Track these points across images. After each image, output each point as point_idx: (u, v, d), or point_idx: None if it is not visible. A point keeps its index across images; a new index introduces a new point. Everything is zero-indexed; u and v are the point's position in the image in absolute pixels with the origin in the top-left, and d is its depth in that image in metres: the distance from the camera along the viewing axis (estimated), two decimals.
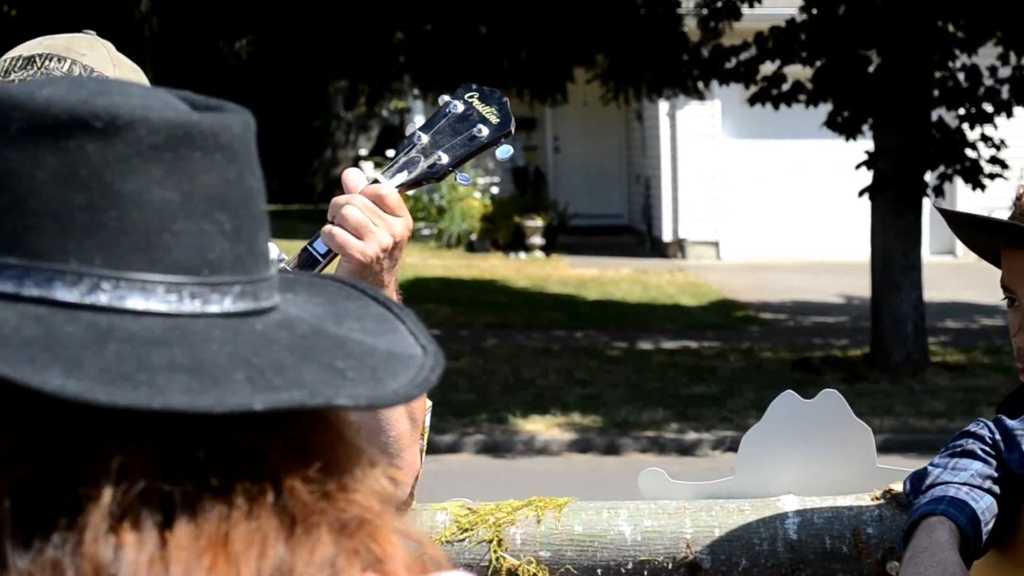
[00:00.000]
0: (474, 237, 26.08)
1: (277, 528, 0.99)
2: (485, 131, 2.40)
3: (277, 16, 17.26)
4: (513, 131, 2.44)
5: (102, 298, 0.98)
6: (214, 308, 1.02)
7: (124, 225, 0.99)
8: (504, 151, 2.44)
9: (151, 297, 0.99)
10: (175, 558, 0.95)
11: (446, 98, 2.45)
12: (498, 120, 2.42)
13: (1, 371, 0.93)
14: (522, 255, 25.62)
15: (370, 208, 2.27)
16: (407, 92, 24.90)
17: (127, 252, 0.99)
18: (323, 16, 16.75)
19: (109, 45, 2.48)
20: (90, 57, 2.42)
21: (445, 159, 2.39)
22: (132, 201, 0.99)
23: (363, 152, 31.88)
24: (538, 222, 26.02)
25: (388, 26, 16.99)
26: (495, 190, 26.48)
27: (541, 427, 12.58)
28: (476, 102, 2.43)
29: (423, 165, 2.38)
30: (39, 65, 2.39)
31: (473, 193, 25.52)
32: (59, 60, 2.40)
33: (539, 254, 25.72)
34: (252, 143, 1.06)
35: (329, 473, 1.02)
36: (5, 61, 2.43)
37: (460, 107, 2.42)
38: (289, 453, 1.01)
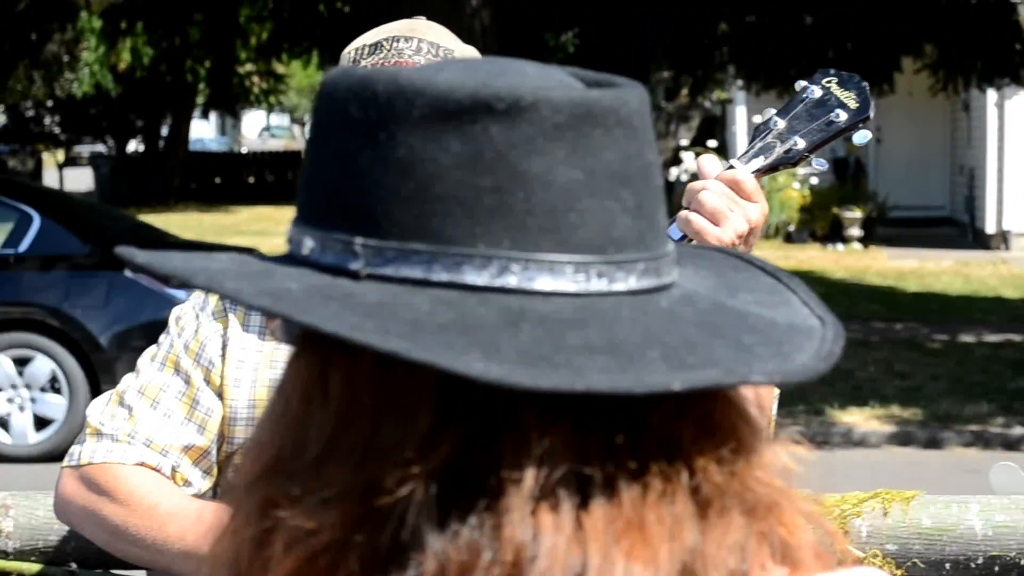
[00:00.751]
0: (792, 228, 25.90)
1: (692, 511, 0.97)
2: (843, 116, 2.37)
3: (604, 8, 17.42)
4: (872, 116, 2.38)
5: (511, 280, 0.97)
6: (620, 286, 1.00)
7: (530, 206, 0.98)
8: (862, 136, 2.38)
9: (560, 277, 0.98)
10: (593, 540, 0.94)
11: (803, 83, 2.42)
12: (857, 104, 2.37)
13: (424, 357, 0.91)
14: (840, 247, 25.34)
15: (727, 194, 2.25)
16: (730, 83, 24.89)
17: (534, 233, 0.98)
18: (648, 8, 16.86)
19: (444, 28, 2.52)
20: (432, 35, 2.46)
21: (801, 144, 2.36)
22: (538, 182, 0.98)
23: (683, 142, 31.89)
24: (857, 213, 25.70)
25: (713, 17, 17.02)
26: (814, 180, 26.25)
27: (859, 419, 12.47)
28: (834, 86, 2.39)
29: (779, 151, 2.35)
30: (387, 48, 2.43)
31: (792, 184, 25.36)
32: (406, 40, 2.44)
33: (857, 246, 25.40)
34: (648, 117, 1.05)
35: (737, 452, 1.00)
36: (350, 52, 2.48)
37: (818, 92, 2.39)
38: (700, 433, 0.99)
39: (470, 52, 2.48)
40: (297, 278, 0.99)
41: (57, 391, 10.61)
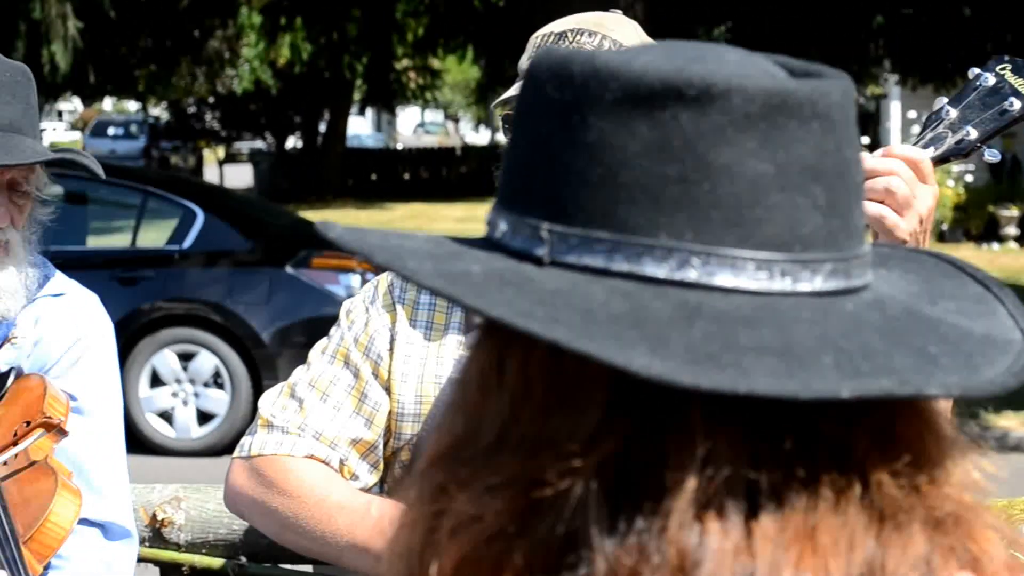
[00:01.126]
0: (945, 227, 25.47)
1: (866, 523, 0.95)
2: (1017, 104, 2.30)
3: (756, 2, 17.28)
4: None
5: (691, 274, 0.95)
6: (804, 286, 0.97)
7: (716, 198, 0.95)
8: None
9: (741, 274, 0.95)
10: (761, 548, 0.92)
11: (976, 70, 2.35)
12: None
13: (584, 348, 0.90)
14: (995, 246, 24.87)
15: (912, 180, 2.17)
16: (884, 77, 24.57)
17: (718, 227, 0.95)
18: (801, 1, 16.71)
19: (636, 24, 2.51)
20: (619, 32, 2.46)
21: (973, 134, 2.30)
22: (725, 173, 0.95)
23: None
24: (1013, 212, 25.20)
25: (868, 10, 16.82)
26: (969, 178, 25.82)
27: (1015, 423, 12.27)
28: (1008, 74, 2.32)
29: (950, 141, 2.29)
30: (570, 39, 2.44)
31: (946, 181, 24.95)
32: (590, 35, 2.44)
33: (1013, 245, 24.91)
34: (851, 111, 1.01)
35: (918, 466, 0.97)
36: (537, 38, 2.49)
37: (991, 80, 2.32)
38: (876, 444, 0.96)
39: None
40: (484, 261, 0.99)
41: (220, 386, 10.73)
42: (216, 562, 3.02)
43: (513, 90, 2.47)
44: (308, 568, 2.84)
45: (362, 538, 2.38)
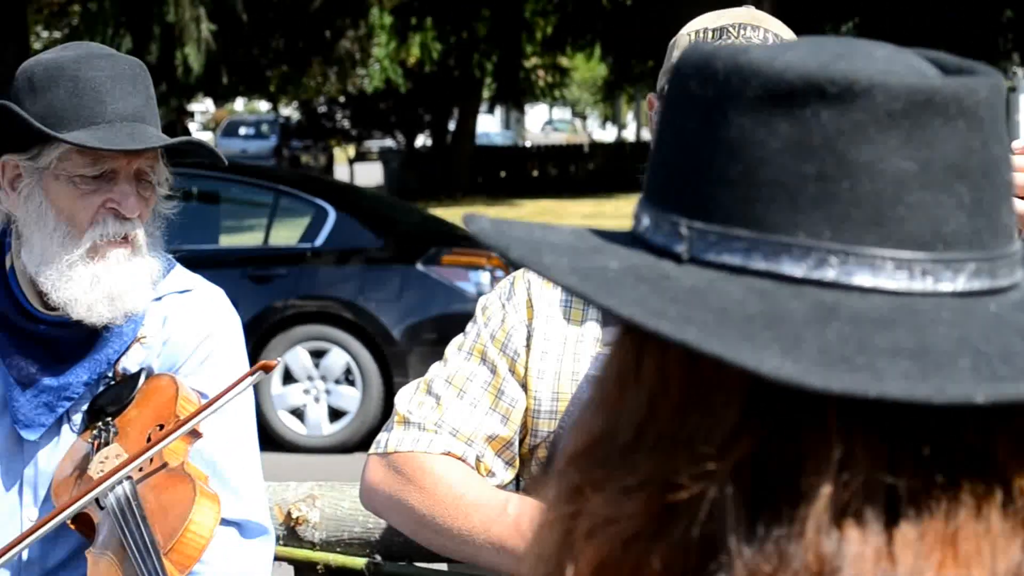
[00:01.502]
0: None
1: (1009, 531, 0.92)
2: None
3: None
4: None
5: (829, 273, 0.94)
6: (946, 287, 0.95)
7: (855, 197, 0.94)
8: None
9: (880, 274, 0.94)
10: (901, 554, 0.90)
11: None
12: None
13: (714, 349, 0.89)
14: None
15: None
16: (1013, 71, 24.21)
17: (857, 225, 0.94)
18: None
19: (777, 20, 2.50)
20: (775, 25, 2.46)
21: None
22: (865, 171, 0.94)
23: None
24: None
25: (997, 5, 16.60)
26: None
27: None
28: None
29: None
30: (735, 34, 2.42)
31: None
32: (753, 29, 2.44)
33: None
34: (1000, 108, 0.98)
35: None
36: (689, 34, 2.47)
37: None
38: (1017, 450, 0.93)
39: None
40: (624, 257, 0.98)
41: (351, 383, 10.81)
42: (351, 560, 3.03)
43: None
44: (443, 566, 2.83)
45: (498, 536, 2.38)
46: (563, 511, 1.00)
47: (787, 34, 2.47)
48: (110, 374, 2.80)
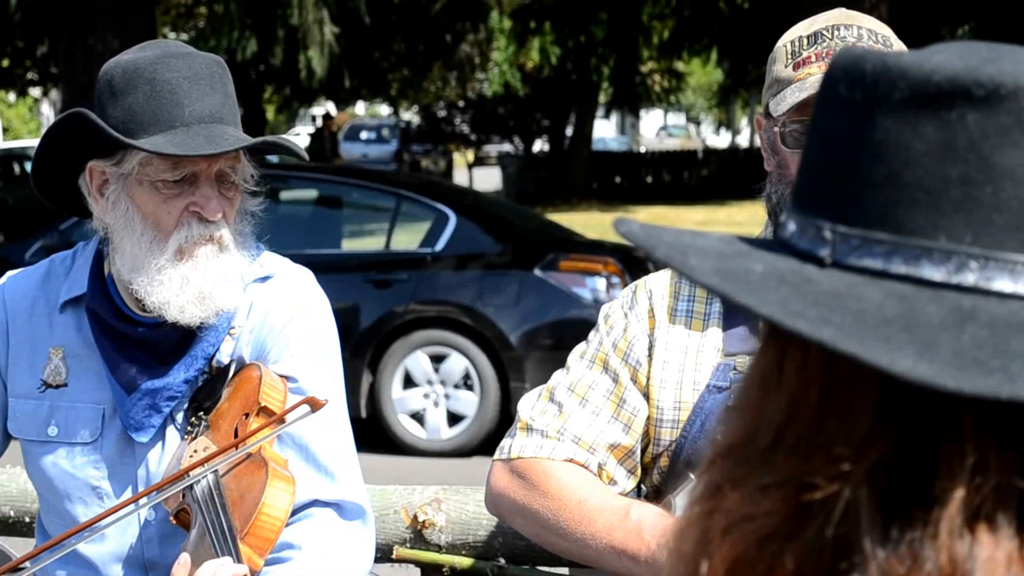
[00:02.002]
0: None
1: None
2: None
3: (1001, 1, 16.89)
4: None
5: (969, 278, 0.94)
6: None
7: (998, 202, 0.94)
8: None
9: (1020, 280, 0.94)
10: None
11: None
12: None
13: (849, 348, 0.90)
14: None
15: None
16: None
17: (998, 230, 0.94)
18: None
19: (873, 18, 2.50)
20: (869, 23, 2.46)
21: None
22: (1009, 176, 0.94)
23: None
24: None
25: None
26: None
27: None
28: None
29: None
30: (829, 36, 2.43)
31: None
32: (846, 28, 2.44)
33: None
34: None
35: None
36: (785, 45, 2.47)
37: None
38: None
39: (900, 44, 2.47)
40: (769, 261, 0.99)
41: (469, 388, 10.82)
42: (476, 563, 3.05)
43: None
44: (564, 571, 2.86)
45: (621, 541, 2.39)
46: (702, 509, 1.01)
47: (883, 31, 2.46)
48: (207, 370, 2.82)
